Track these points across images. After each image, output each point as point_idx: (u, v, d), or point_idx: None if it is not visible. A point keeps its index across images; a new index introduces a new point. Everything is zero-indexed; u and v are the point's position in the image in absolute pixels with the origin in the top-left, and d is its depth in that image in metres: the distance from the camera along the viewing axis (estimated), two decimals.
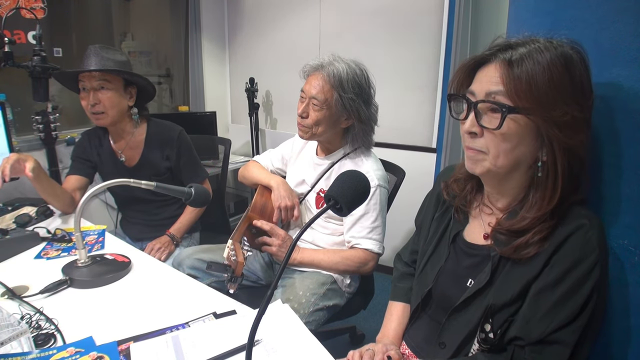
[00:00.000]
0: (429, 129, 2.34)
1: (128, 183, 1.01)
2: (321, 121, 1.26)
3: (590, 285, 0.65)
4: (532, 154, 0.70)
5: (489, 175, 0.75)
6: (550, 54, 0.65)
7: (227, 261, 0.99)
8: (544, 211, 0.68)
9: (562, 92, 0.64)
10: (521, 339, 0.70)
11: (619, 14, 0.69)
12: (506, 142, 0.68)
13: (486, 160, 0.71)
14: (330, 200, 0.66)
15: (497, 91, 0.67)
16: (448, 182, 0.88)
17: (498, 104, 0.66)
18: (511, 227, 0.72)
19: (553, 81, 0.64)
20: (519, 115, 0.66)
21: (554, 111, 0.64)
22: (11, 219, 1.39)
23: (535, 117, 0.65)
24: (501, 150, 0.69)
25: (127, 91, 1.48)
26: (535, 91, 0.64)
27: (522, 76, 0.64)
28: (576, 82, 0.65)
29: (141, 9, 2.96)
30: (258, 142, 2.92)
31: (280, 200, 1.34)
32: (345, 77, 1.22)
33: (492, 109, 0.68)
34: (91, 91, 1.40)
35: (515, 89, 0.65)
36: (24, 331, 0.72)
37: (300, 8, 2.73)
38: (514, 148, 0.68)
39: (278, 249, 1.27)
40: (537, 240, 0.68)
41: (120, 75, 1.43)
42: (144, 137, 1.57)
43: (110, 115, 1.45)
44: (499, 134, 0.67)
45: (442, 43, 2.18)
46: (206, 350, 0.78)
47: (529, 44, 0.67)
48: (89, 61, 1.39)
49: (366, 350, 0.85)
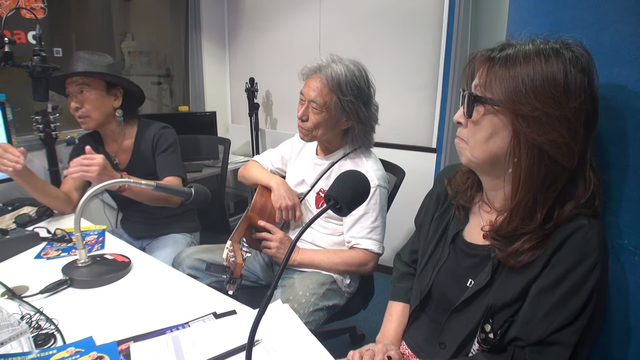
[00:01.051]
0: (429, 129, 2.34)
1: (128, 182, 1.01)
2: (321, 124, 1.26)
3: (591, 285, 0.65)
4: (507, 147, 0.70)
5: (473, 167, 0.78)
6: (534, 51, 0.66)
7: (226, 262, 0.99)
8: (509, 207, 0.70)
9: (536, 88, 0.64)
10: (521, 339, 0.70)
11: (619, 14, 0.70)
12: (480, 132, 0.71)
13: (467, 150, 0.74)
14: (330, 200, 0.66)
15: (478, 83, 0.71)
16: (452, 176, 0.89)
17: (470, 93, 0.70)
18: (500, 231, 0.72)
19: (528, 76, 0.64)
20: (488, 106, 0.68)
21: (523, 105, 0.65)
22: (11, 219, 1.39)
23: (502, 109, 0.67)
24: (477, 140, 0.72)
25: (111, 93, 1.48)
26: (505, 84, 0.66)
27: (497, 72, 0.67)
28: (558, 80, 0.64)
29: (141, 9, 2.96)
30: (258, 142, 2.92)
31: (280, 201, 1.34)
32: (344, 80, 1.21)
33: (471, 100, 0.71)
34: (73, 95, 1.42)
35: (487, 82, 0.68)
36: (24, 331, 0.72)
37: (300, 8, 2.73)
38: (488, 139, 0.70)
39: (276, 251, 1.28)
40: (528, 248, 0.68)
41: (97, 77, 1.43)
42: (134, 139, 1.57)
43: (94, 118, 1.45)
44: (474, 124, 0.71)
45: (442, 43, 2.18)
46: (206, 350, 0.78)
47: (522, 45, 0.68)
48: (71, 67, 1.40)
49: (366, 350, 0.85)
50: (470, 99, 0.70)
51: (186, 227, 1.71)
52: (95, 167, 1.20)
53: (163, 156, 1.56)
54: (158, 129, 1.58)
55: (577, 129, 0.65)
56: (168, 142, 1.57)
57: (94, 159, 1.21)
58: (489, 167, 0.74)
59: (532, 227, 0.68)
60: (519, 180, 0.68)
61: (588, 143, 0.68)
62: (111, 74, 1.45)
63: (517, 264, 0.70)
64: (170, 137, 1.58)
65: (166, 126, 1.61)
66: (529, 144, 0.66)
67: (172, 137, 1.59)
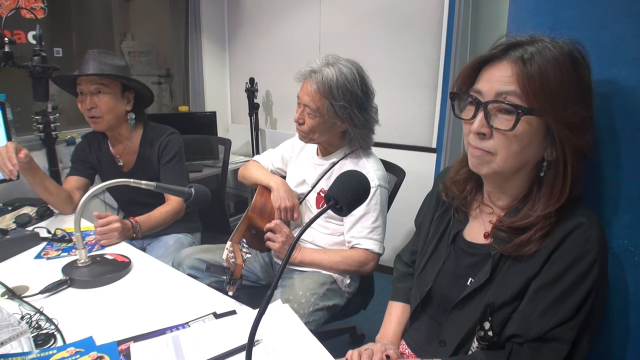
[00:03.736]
0: (429, 129, 2.34)
1: (128, 183, 1.02)
2: (316, 128, 1.26)
3: (590, 282, 0.65)
4: (539, 153, 0.70)
5: (493, 176, 0.74)
6: (558, 53, 0.65)
7: (226, 263, 0.99)
8: (551, 209, 0.68)
9: (572, 92, 0.64)
10: (520, 336, 0.70)
11: (619, 14, 0.69)
12: (517, 144, 0.67)
13: (493, 162, 0.70)
14: (331, 200, 0.66)
15: (508, 91, 0.65)
16: (447, 184, 0.88)
17: (513, 105, 0.65)
18: (513, 224, 0.72)
19: (564, 81, 0.63)
20: (532, 117, 0.65)
21: (565, 112, 0.64)
22: (11, 219, 1.39)
23: (548, 118, 0.65)
24: (510, 152, 0.68)
25: (125, 96, 1.48)
26: (548, 91, 0.63)
27: (536, 75, 0.63)
28: (583, 82, 0.65)
29: (141, 9, 2.96)
30: (258, 142, 2.92)
31: (279, 201, 1.34)
32: (335, 85, 1.20)
33: (503, 109, 0.67)
34: (88, 95, 1.41)
35: (530, 89, 0.63)
36: (24, 331, 0.72)
37: (300, 8, 2.73)
38: (523, 149, 0.68)
39: (281, 246, 1.28)
40: (539, 237, 0.68)
41: (118, 79, 1.43)
42: (139, 142, 1.57)
43: (107, 120, 1.45)
44: (510, 136, 0.66)
45: (442, 43, 2.18)
46: (206, 350, 0.78)
47: (536, 43, 0.66)
48: (87, 65, 1.39)
49: (365, 349, 0.85)
50: (517, 112, 0.64)
51: (187, 227, 1.71)
52: (115, 233, 1.27)
53: (168, 167, 1.56)
54: (165, 135, 1.57)
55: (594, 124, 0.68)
56: (174, 151, 1.57)
57: (110, 224, 1.26)
58: (512, 174, 0.73)
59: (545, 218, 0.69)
60: (563, 183, 0.68)
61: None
62: (131, 78, 1.46)
63: (524, 254, 0.70)
64: (176, 145, 1.58)
65: (173, 132, 1.60)
66: (573, 148, 0.66)
67: (178, 145, 1.59)
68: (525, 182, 0.74)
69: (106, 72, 1.39)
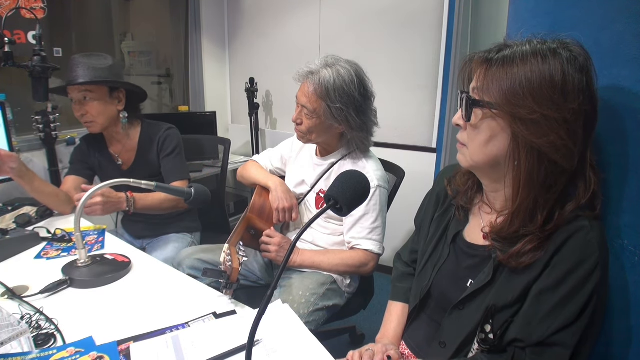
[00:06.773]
0: (429, 129, 2.34)
1: (128, 183, 1.02)
2: (313, 129, 1.27)
3: (591, 287, 0.64)
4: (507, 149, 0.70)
5: (473, 171, 0.78)
6: (531, 52, 0.65)
7: (223, 267, 0.99)
8: (510, 210, 0.70)
9: (534, 90, 0.63)
10: (522, 340, 0.69)
11: (619, 14, 0.69)
12: (479, 136, 0.70)
13: (467, 154, 0.74)
14: (330, 201, 0.66)
15: (475, 87, 0.70)
16: (452, 177, 0.89)
17: (467, 96, 0.70)
18: (501, 233, 0.72)
19: (525, 78, 0.64)
20: (487, 110, 0.68)
21: (521, 108, 0.64)
22: (11, 219, 1.39)
23: (500, 112, 0.66)
24: (476, 144, 0.71)
25: (114, 96, 1.48)
26: (502, 87, 0.65)
27: (495, 74, 0.67)
28: (555, 81, 0.63)
29: (141, 9, 2.96)
30: (258, 142, 2.92)
31: (278, 202, 1.33)
32: (332, 87, 1.19)
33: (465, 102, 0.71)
34: (77, 102, 1.42)
35: (485, 85, 0.68)
36: (24, 331, 0.72)
37: (300, 8, 2.73)
38: (487, 143, 0.70)
39: (276, 254, 1.28)
40: (530, 249, 0.68)
41: (100, 84, 1.43)
42: (138, 139, 1.57)
43: (100, 123, 1.46)
44: (472, 127, 0.71)
45: (442, 43, 2.18)
46: (206, 350, 0.78)
47: (519, 45, 0.67)
48: (71, 72, 1.39)
49: (366, 350, 0.85)
50: (469, 103, 0.70)
51: (187, 227, 1.71)
52: (97, 207, 1.27)
53: (169, 159, 1.57)
54: (163, 130, 1.58)
55: (576, 130, 0.65)
56: (173, 145, 1.58)
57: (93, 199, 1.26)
58: (489, 169, 0.74)
59: (533, 229, 0.68)
60: (519, 183, 0.68)
61: (588, 143, 0.67)
62: (112, 80, 1.45)
63: (519, 265, 0.70)
64: (175, 139, 1.59)
65: (170, 127, 1.61)
66: (528, 147, 0.66)
67: (177, 139, 1.60)
68: (509, 183, 0.72)
69: (89, 76, 1.38)
